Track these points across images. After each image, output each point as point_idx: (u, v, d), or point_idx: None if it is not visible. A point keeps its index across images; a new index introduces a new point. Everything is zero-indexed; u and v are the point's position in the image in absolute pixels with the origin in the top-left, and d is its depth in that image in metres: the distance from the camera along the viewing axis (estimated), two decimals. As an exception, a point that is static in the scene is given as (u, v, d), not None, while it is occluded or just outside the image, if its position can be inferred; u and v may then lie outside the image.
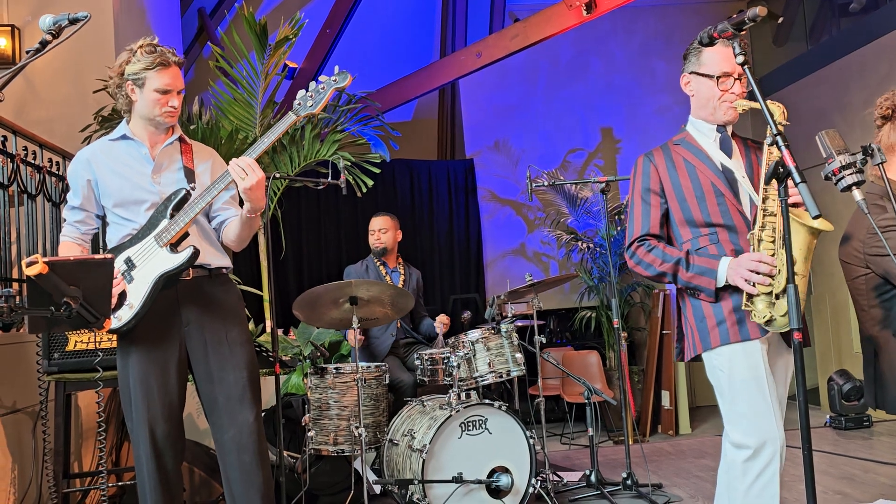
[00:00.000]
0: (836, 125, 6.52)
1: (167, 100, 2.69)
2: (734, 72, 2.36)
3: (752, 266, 2.19)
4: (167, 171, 2.77)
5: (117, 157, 2.74)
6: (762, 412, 2.25)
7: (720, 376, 2.35)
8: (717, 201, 2.36)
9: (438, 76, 6.88)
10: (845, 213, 5.64)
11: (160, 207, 2.69)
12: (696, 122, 2.51)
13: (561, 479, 4.41)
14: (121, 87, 2.70)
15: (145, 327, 2.64)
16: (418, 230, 7.37)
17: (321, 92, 2.63)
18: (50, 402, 3.50)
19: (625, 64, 7.94)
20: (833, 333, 6.84)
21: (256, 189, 2.59)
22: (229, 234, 2.84)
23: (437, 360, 4.05)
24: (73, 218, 2.76)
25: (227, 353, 2.73)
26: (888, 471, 4.23)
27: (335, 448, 3.77)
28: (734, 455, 2.30)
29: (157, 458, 2.63)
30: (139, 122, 2.76)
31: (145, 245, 2.65)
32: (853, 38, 6.55)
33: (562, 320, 7.57)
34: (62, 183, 4.05)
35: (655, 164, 2.47)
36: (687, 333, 2.47)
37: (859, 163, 2.01)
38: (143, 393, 2.62)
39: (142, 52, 2.65)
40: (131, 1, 5.46)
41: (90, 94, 4.57)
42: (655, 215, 2.43)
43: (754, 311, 2.23)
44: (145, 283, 2.61)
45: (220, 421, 2.72)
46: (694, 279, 2.31)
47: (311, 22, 5.86)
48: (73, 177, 2.74)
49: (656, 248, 2.40)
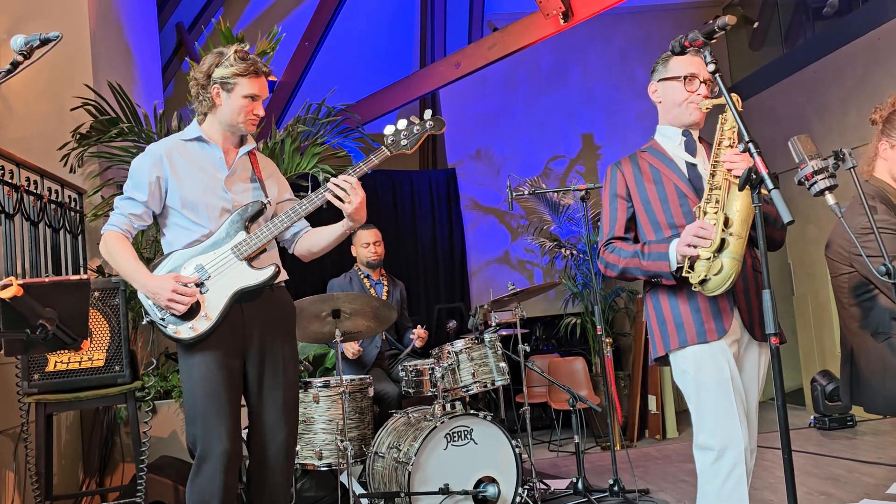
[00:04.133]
0: (813, 127, 6.59)
1: (254, 107, 2.66)
2: (699, 75, 2.43)
3: (694, 231, 2.23)
4: (240, 180, 2.74)
5: (192, 158, 2.69)
6: (727, 415, 2.28)
7: (686, 379, 2.39)
8: (680, 202, 2.43)
9: (418, 87, 6.90)
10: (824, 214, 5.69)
11: (234, 217, 2.64)
12: (663, 128, 2.56)
13: (548, 487, 4.41)
14: (205, 88, 2.65)
15: (213, 337, 2.58)
16: (402, 241, 7.37)
17: (416, 133, 2.70)
18: (31, 424, 3.47)
19: (604, 71, 8.00)
20: (816, 334, 6.89)
21: (361, 209, 2.65)
22: (308, 245, 2.86)
23: (422, 371, 4.04)
24: (130, 210, 2.64)
25: (281, 371, 2.71)
26: (872, 470, 4.25)
27: (321, 462, 3.75)
28: (702, 458, 2.34)
29: (225, 475, 2.53)
30: (216, 125, 2.71)
31: (221, 256, 2.60)
32: (828, 42, 6.63)
33: (547, 327, 7.59)
34: (40, 202, 4.02)
35: (622, 171, 2.54)
36: (652, 335, 2.51)
37: (831, 167, 2.03)
38: (215, 408, 2.55)
39: (235, 58, 2.61)
40: (108, 18, 5.44)
41: (68, 111, 4.53)
42: (622, 218, 2.51)
43: (692, 276, 2.26)
44: (224, 296, 2.57)
45: (261, 439, 2.68)
46: (652, 266, 2.36)
47: (290, 35, 5.86)
48: (142, 170, 2.64)
49: (617, 248, 2.46)
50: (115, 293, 3.55)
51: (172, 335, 2.56)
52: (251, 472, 2.72)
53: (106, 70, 5.09)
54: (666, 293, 2.43)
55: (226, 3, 7.95)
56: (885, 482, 3.94)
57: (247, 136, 2.80)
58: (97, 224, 4.60)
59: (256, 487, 2.70)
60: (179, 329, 2.54)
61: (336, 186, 2.60)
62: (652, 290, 2.49)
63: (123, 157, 4.62)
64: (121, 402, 3.60)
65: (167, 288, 2.50)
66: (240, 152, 2.76)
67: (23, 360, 3.35)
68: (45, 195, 4.08)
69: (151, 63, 6.54)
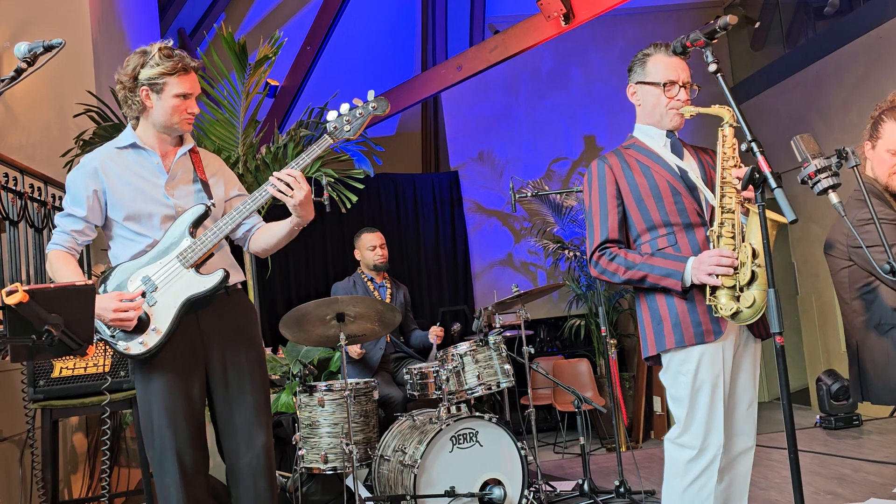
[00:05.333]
0: (814, 127, 6.58)
1: (187, 106, 2.55)
2: (679, 79, 2.39)
3: (715, 261, 2.19)
4: (182, 184, 2.62)
5: (128, 167, 2.57)
6: (715, 418, 2.28)
7: (682, 380, 2.33)
8: (675, 200, 2.36)
9: (420, 90, 6.91)
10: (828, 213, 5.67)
11: (178, 223, 2.54)
12: (644, 127, 2.50)
13: (554, 489, 4.40)
14: (133, 91, 2.53)
15: (168, 352, 2.48)
16: (405, 244, 7.38)
17: (358, 118, 2.57)
18: (37, 430, 3.47)
19: (605, 72, 8.00)
20: (821, 333, 6.87)
21: (306, 203, 2.49)
22: (261, 243, 2.71)
23: (427, 374, 4.04)
24: (70, 227, 2.54)
25: (247, 375, 2.61)
26: (879, 469, 4.24)
27: (326, 466, 3.75)
28: (677, 454, 2.34)
29: (186, 487, 2.48)
30: (150, 129, 2.59)
31: (167, 265, 2.49)
32: (829, 41, 6.63)
33: (552, 329, 7.59)
34: (44, 209, 4.03)
35: (610, 166, 2.44)
36: (644, 333, 2.45)
37: (834, 166, 2.04)
38: (168, 421, 2.47)
39: (160, 56, 2.50)
40: (111, 25, 5.46)
41: (71, 118, 4.55)
42: (614, 220, 2.40)
43: (718, 305, 2.23)
44: (172, 307, 2.46)
45: (237, 446, 2.59)
46: (660, 281, 2.29)
47: (292, 39, 5.87)
48: (77, 185, 2.54)
49: (618, 257, 2.36)
50: (120, 299, 3.54)
51: (123, 352, 2.46)
52: (231, 480, 2.63)
53: (109, 76, 5.10)
54: (662, 291, 2.37)
55: (227, 9, 7.98)
56: (892, 481, 3.93)
57: (185, 136, 2.68)
58: (100, 230, 4.60)
59: (240, 495, 2.61)
60: (129, 345, 2.44)
61: (279, 181, 2.46)
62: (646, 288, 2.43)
63: (127, 163, 4.62)
64: (126, 408, 3.60)
65: (109, 308, 2.38)
66: (178, 154, 2.63)
67: (28, 366, 3.36)
68: (49, 202, 4.09)
69: (154, 69, 6.55)
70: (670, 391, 2.39)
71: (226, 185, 2.75)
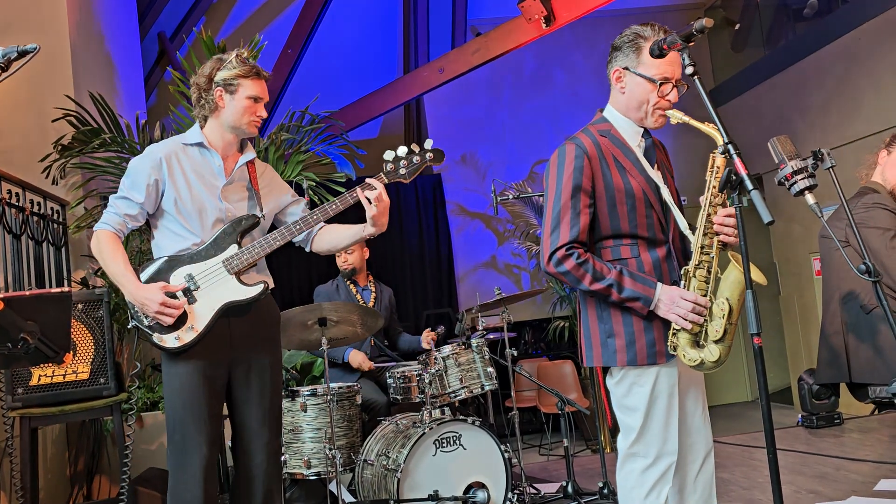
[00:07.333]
0: (796, 127, 6.64)
1: (256, 109, 2.66)
2: (674, 78, 2.27)
3: (691, 307, 2.12)
4: (237, 190, 2.72)
5: (191, 163, 2.67)
6: (671, 428, 2.23)
7: (639, 391, 2.24)
8: (646, 213, 2.23)
9: (402, 92, 6.90)
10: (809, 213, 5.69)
11: (228, 229, 2.63)
12: (620, 117, 2.35)
13: (538, 491, 4.40)
14: (208, 91, 2.64)
15: (198, 349, 2.57)
16: (388, 247, 7.36)
17: (414, 164, 2.80)
18: (16, 438, 3.44)
19: (588, 74, 8.03)
20: (803, 333, 6.92)
21: (384, 216, 2.71)
22: (326, 244, 2.87)
23: (410, 377, 4.03)
24: (125, 210, 2.61)
25: (267, 380, 2.70)
26: (860, 468, 4.27)
27: (310, 471, 3.73)
28: (632, 465, 2.27)
29: (205, 483, 2.54)
30: (218, 130, 2.69)
31: (211, 267, 2.59)
32: (809, 42, 6.68)
33: (536, 331, 7.60)
34: (22, 214, 3.99)
35: (589, 157, 2.23)
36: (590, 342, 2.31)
37: (810, 167, 2.05)
38: (194, 417, 2.55)
39: (236, 61, 2.63)
40: (89, 28, 5.41)
41: (49, 122, 4.50)
42: (584, 221, 2.21)
43: (681, 351, 2.16)
44: (211, 309, 2.56)
45: (250, 447, 2.68)
46: (626, 302, 2.17)
47: (272, 43, 5.85)
48: (140, 172, 2.61)
49: (587, 263, 2.17)
50: (99, 305, 3.52)
51: (157, 343, 2.54)
52: (240, 484, 2.70)
53: (87, 80, 5.06)
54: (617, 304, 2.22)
55: (208, 13, 7.94)
56: (873, 479, 3.96)
57: (247, 144, 2.78)
58: (80, 236, 4.57)
59: (250, 495, 2.68)
60: (165, 338, 2.53)
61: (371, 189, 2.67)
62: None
63: (106, 167, 4.59)
64: (106, 415, 3.57)
65: (155, 300, 2.48)
66: (239, 161, 2.72)
67: (6, 374, 3.32)
68: (27, 207, 4.05)
69: (133, 73, 6.51)
70: (622, 401, 2.28)
71: (279, 196, 2.86)
